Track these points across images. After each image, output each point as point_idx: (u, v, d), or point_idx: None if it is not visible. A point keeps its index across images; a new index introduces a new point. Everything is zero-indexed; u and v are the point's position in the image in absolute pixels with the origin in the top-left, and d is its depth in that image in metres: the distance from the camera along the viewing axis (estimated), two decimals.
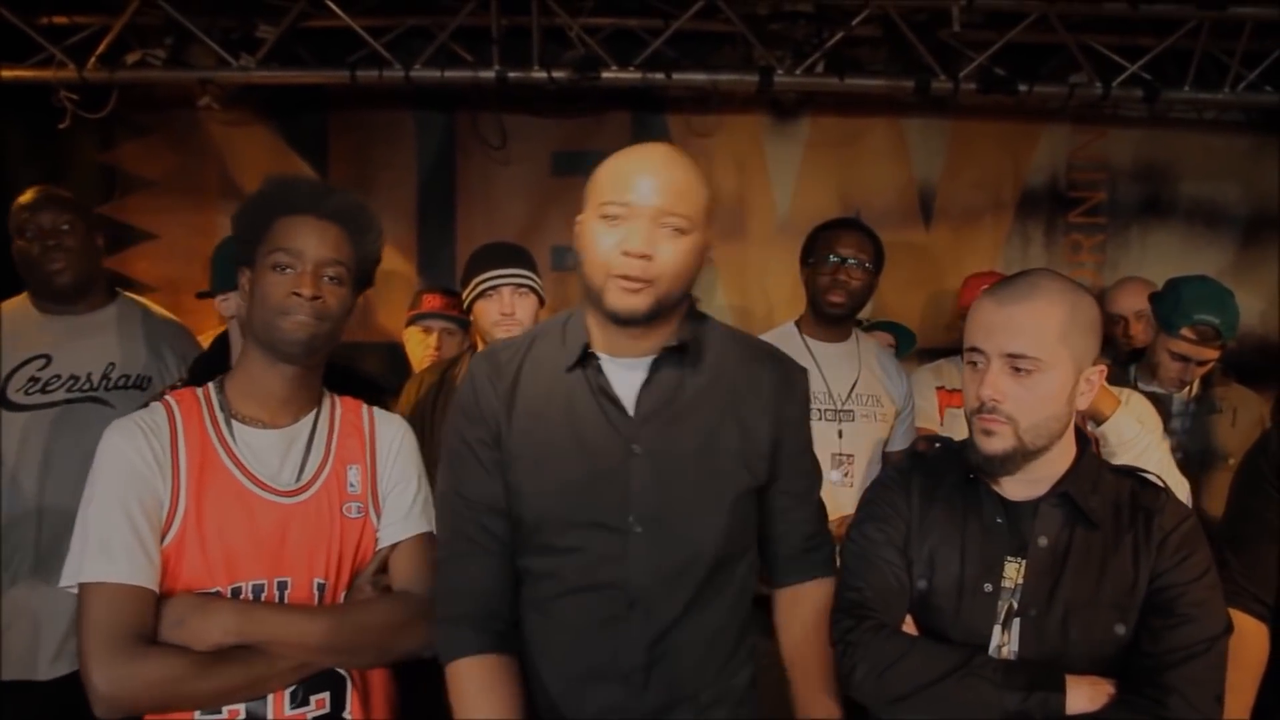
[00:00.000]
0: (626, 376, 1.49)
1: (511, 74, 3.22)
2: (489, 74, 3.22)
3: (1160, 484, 1.48)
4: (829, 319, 2.69)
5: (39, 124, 3.34)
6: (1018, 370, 1.35)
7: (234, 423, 1.50)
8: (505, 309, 2.41)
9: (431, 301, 2.98)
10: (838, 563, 1.61)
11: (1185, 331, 2.53)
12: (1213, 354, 2.59)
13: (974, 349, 1.40)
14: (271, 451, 1.50)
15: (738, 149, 3.60)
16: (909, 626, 1.45)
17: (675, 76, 3.25)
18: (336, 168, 3.64)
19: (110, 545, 1.35)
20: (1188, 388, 2.70)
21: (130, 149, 3.60)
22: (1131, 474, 1.50)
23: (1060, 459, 1.43)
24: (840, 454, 2.68)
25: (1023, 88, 3.25)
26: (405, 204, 3.66)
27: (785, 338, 2.70)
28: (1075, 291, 1.41)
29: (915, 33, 3.22)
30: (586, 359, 1.49)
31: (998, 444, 1.37)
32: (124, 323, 2.61)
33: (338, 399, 1.61)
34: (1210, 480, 2.58)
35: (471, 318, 2.56)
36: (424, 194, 3.65)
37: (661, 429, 1.47)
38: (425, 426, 2.32)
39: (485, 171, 3.61)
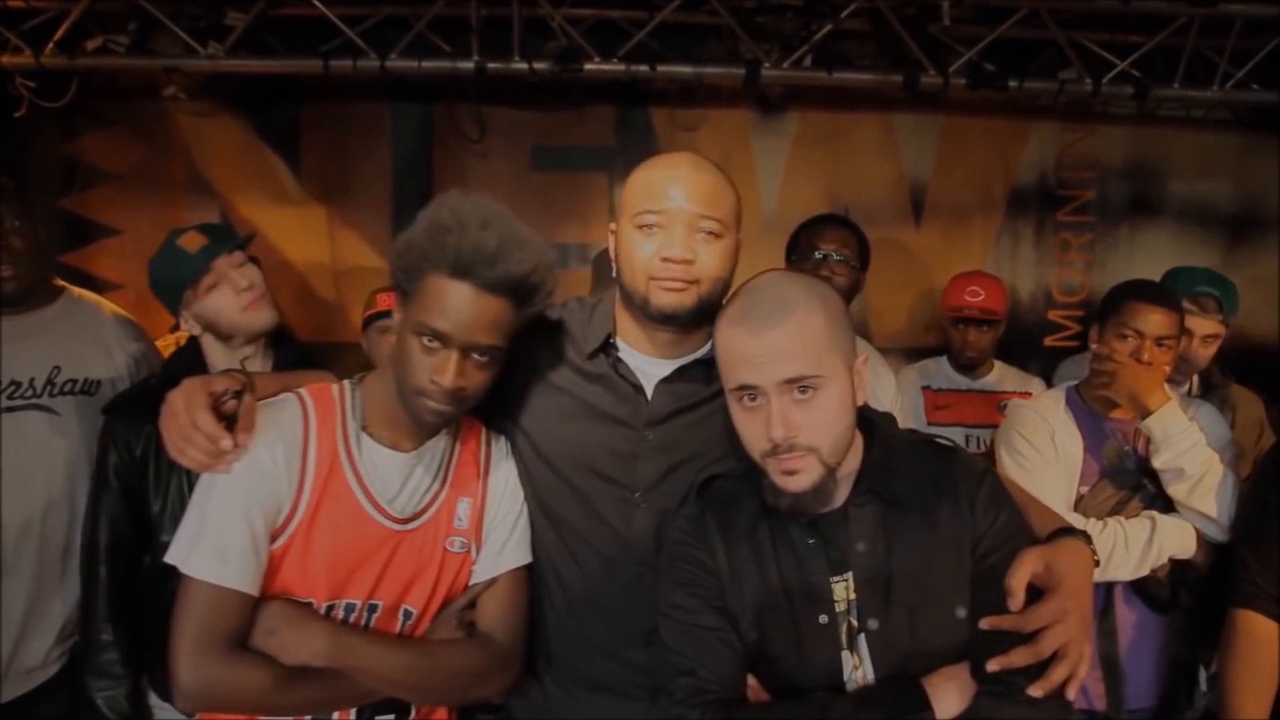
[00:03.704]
0: (648, 371, 1.56)
1: (491, 65, 3.13)
2: (468, 65, 3.12)
3: (949, 443, 1.41)
4: None
5: None
6: (802, 393, 1.24)
7: (364, 438, 1.45)
8: None
9: (386, 301, 2.88)
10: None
11: (1187, 303, 2.47)
12: (1215, 327, 2.56)
13: (744, 386, 1.27)
14: (394, 474, 1.47)
15: (723, 144, 3.52)
16: (753, 687, 1.32)
17: (660, 69, 3.16)
18: (309, 161, 3.52)
19: (226, 547, 1.34)
20: (1188, 385, 2.66)
21: (92, 140, 3.46)
22: (922, 441, 1.41)
23: (852, 455, 1.33)
24: None
25: (1012, 83, 3.20)
26: (380, 198, 3.55)
27: None
28: (817, 288, 1.32)
29: (904, 26, 3.16)
30: (607, 347, 1.56)
31: (805, 479, 1.25)
32: (70, 321, 2.38)
33: (461, 421, 1.56)
34: None
35: None
36: (399, 188, 3.54)
37: (673, 429, 1.53)
38: None
39: (463, 165, 3.51)
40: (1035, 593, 1.24)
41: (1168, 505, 2.14)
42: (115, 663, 1.94)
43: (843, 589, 1.30)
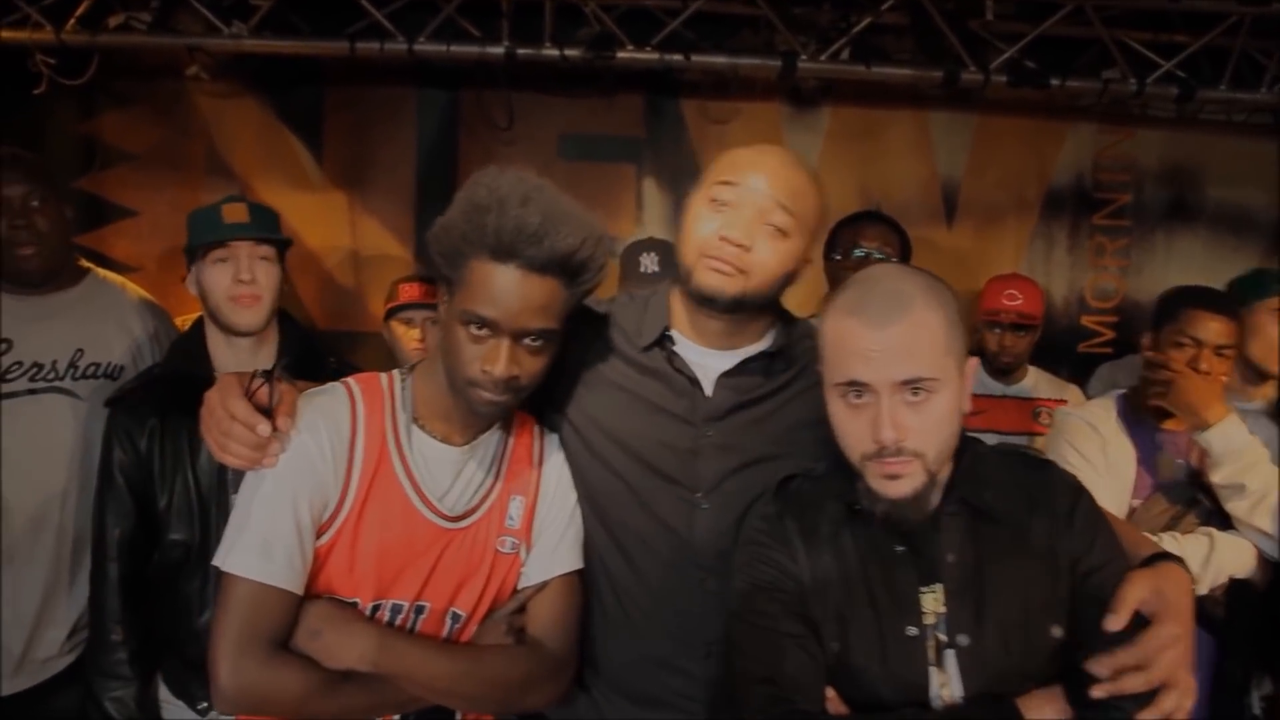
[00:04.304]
0: (707, 365, 1.49)
1: (521, 50, 3.04)
2: (497, 50, 3.04)
3: (1040, 456, 1.35)
4: None
5: (13, 90, 3.11)
6: (915, 395, 1.17)
7: (414, 430, 1.38)
8: None
9: (409, 291, 2.82)
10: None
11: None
12: None
13: (853, 383, 1.19)
14: (446, 470, 1.40)
15: (755, 138, 3.35)
16: (832, 700, 1.25)
17: (694, 59, 3.08)
18: (331, 146, 3.44)
19: (271, 544, 1.28)
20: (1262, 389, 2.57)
21: (111, 119, 3.38)
22: (1012, 452, 1.36)
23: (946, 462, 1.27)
24: None
25: (1054, 82, 3.12)
26: (403, 185, 3.47)
27: None
28: (935, 286, 1.23)
29: (945, 21, 3.08)
30: (663, 340, 1.50)
31: (907, 485, 1.18)
32: (95, 304, 2.33)
33: (516, 416, 1.49)
34: None
35: None
36: (423, 175, 3.46)
37: (735, 425, 1.47)
38: None
39: (489, 153, 3.43)
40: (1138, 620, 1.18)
41: (1224, 521, 2.08)
42: (123, 663, 1.88)
43: (931, 601, 1.24)
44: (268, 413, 1.31)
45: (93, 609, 1.95)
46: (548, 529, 1.47)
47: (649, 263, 2.67)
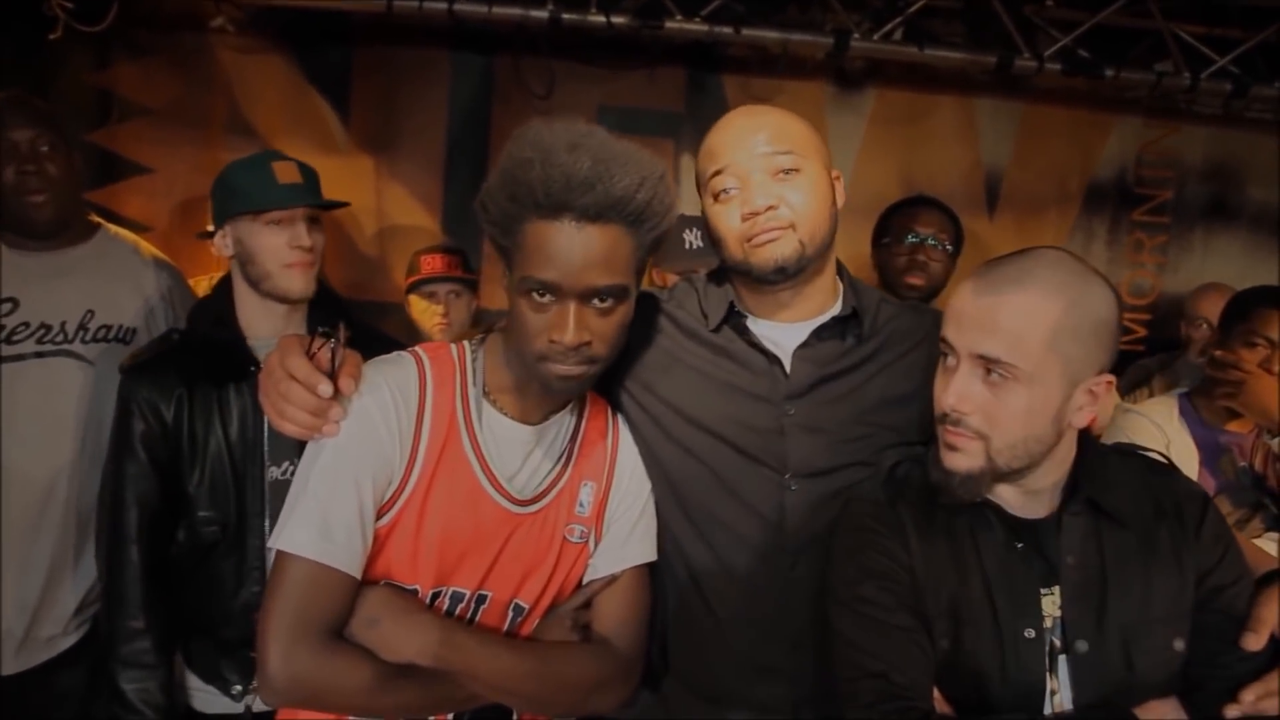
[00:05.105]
0: (780, 340, 1.43)
1: (566, 16, 2.93)
2: (541, 14, 2.92)
3: (1165, 460, 1.29)
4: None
5: (25, 34, 2.94)
6: (990, 375, 1.12)
7: (485, 406, 1.27)
8: None
9: (432, 264, 2.72)
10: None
11: None
12: None
13: (945, 342, 1.16)
14: (516, 450, 1.29)
15: None
16: (938, 701, 1.19)
17: (744, 32, 2.98)
18: (359, 108, 3.31)
19: (330, 522, 1.17)
20: None
21: (128, 71, 3.21)
22: (1134, 454, 1.30)
23: (1061, 463, 1.20)
24: None
25: (1109, 72, 3.06)
26: (433, 153, 3.34)
27: None
28: (1082, 283, 1.14)
29: (1001, 5, 3.01)
30: (732, 317, 1.45)
31: (962, 461, 1.15)
32: (107, 262, 2.20)
33: (590, 397, 1.40)
34: None
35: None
36: (454, 143, 3.33)
37: (819, 401, 1.41)
38: None
39: (523, 122, 3.26)
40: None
41: None
42: (148, 651, 1.75)
43: (1050, 603, 1.17)
44: (331, 377, 1.20)
45: (110, 595, 1.78)
46: (619, 519, 1.38)
47: (693, 239, 2.58)
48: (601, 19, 2.93)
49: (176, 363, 1.80)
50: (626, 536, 1.38)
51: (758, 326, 1.45)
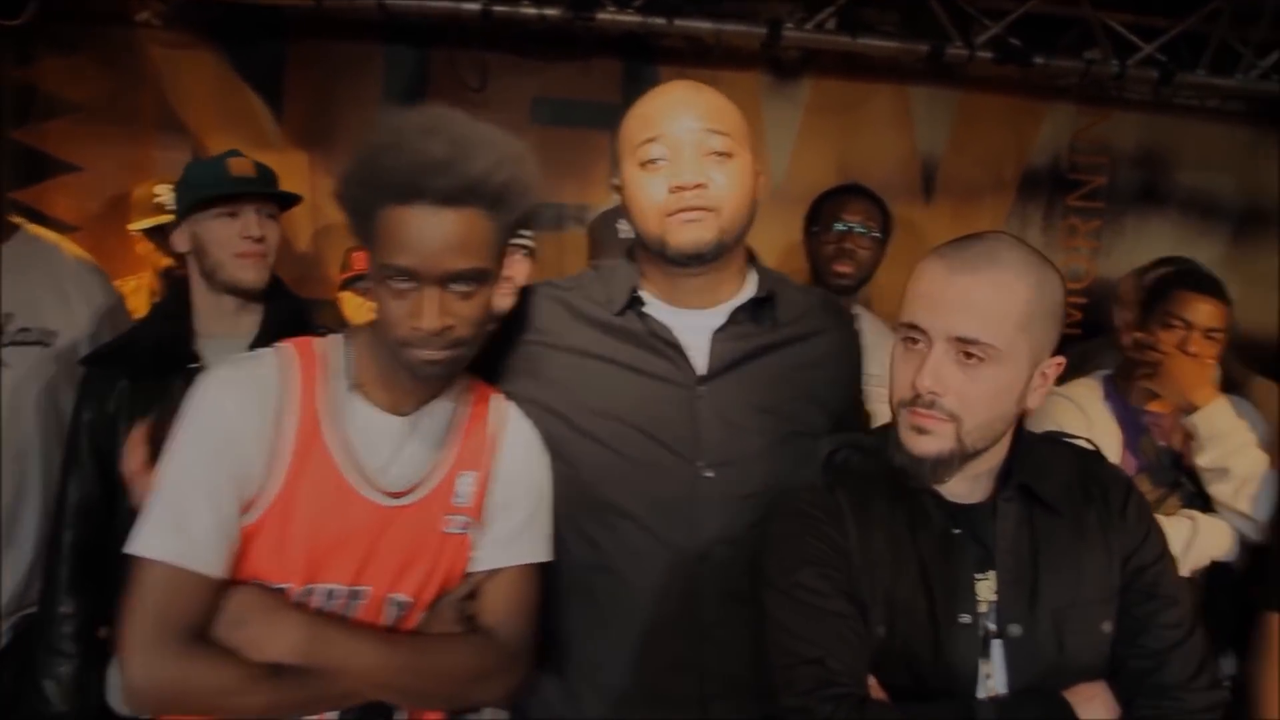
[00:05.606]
0: (689, 325, 1.42)
1: (497, 8, 2.92)
2: (473, 7, 2.91)
3: (1093, 447, 1.32)
4: (834, 291, 2.54)
5: None
6: (968, 358, 1.12)
7: (353, 398, 1.25)
8: (506, 272, 2.23)
9: (363, 260, 2.69)
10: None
11: None
12: None
13: (913, 325, 1.15)
14: (386, 441, 1.26)
15: None
16: (872, 688, 1.19)
17: (677, 23, 2.99)
18: (292, 103, 3.27)
19: (186, 521, 1.15)
20: None
21: (52, 66, 3.14)
22: (1059, 441, 1.33)
23: (1001, 447, 1.22)
24: None
25: (1039, 60, 3.11)
26: None
27: None
28: (1042, 266, 1.17)
29: None
30: (634, 302, 1.43)
31: (932, 445, 1.14)
32: (25, 263, 2.13)
33: (472, 386, 1.37)
34: None
35: None
36: None
37: (731, 386, 1.41)
38: None
39: None
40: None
41: (1206, 504, 2.08)
42: (68, 637, 1.76)
43: (984, 588, 1.19)
44: None
45: (45, 579, 1.84)
46: (505, 510, 1.34)
47: (627, 228, 2.59)
48: (534, 11, 2.93)
49: (125, 355, 1.86)
50: (515, 533, 1.34)
51: (661, 313, 1.43)
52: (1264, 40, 3.15)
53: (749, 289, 1.45)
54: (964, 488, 1.22)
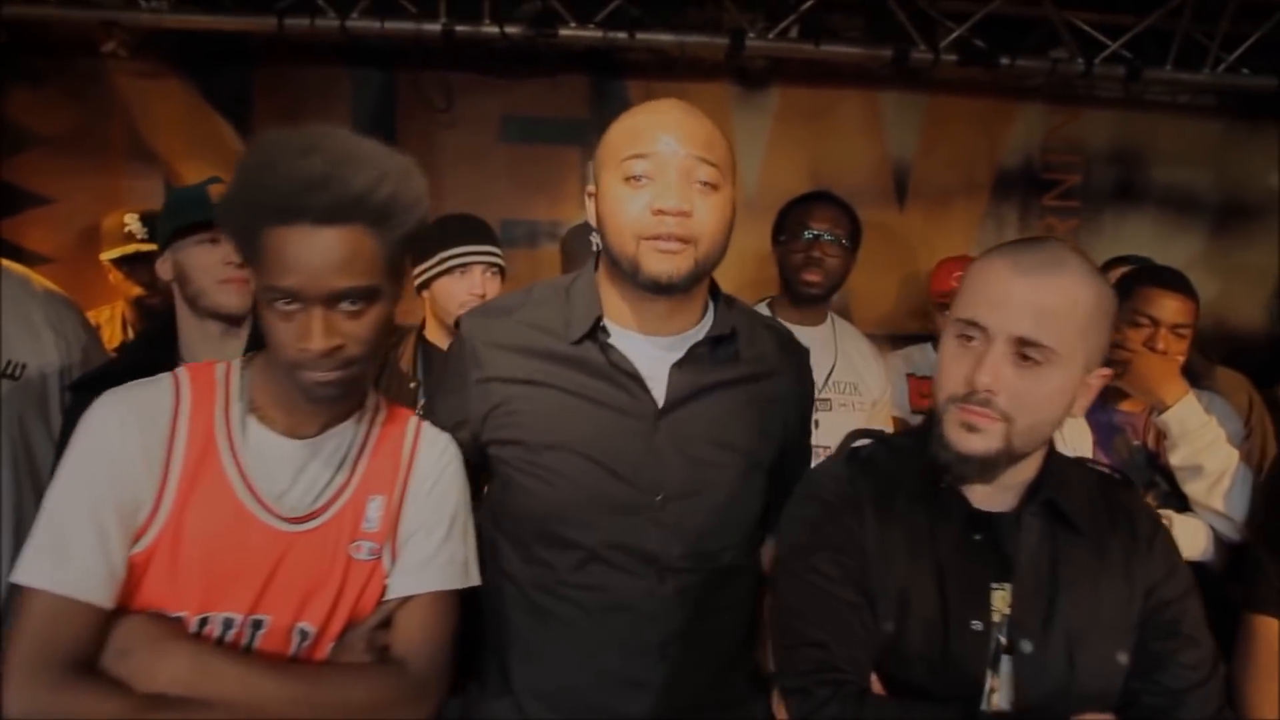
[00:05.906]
0: (650, 354, 1.38)
1: (459, 28, 2.93)
2: (434, 27, 2.92)
3: (1120, 476, 1.30)
4: (803, 299, 2.55)
5: None
6: (1025, 359, 1.11)
7: (250, 420, 1.22)
8: (476, 290, 2.26)
9: None
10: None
11: None
12: None
13: (972, 322, 1.13)
14: (285, 466, 1.23)
15: None
16: (875, 684, 1.18)
17: (639, 36, 2.99)
18: (262, 128, 3.20)
19: (66, 548, 1.12)
20: None
21: (21, 99, 3.15)
22: (1086, 465, 1.31)
23: (1032, 461, 1.20)
24: (816, 446, 2.53)
25: (1004, 61, 3.10)
26: None
27: None
28: (1101, 277, 1.17)
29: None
30: (596, 331, 1.38)
31: (981, 443, 1.12)
32: None
33: (383, 407, 1.33)
34: None
35: (426, 295, 2.35)
36: None
37: (690, 419, 1.37)
38: None
39: (428, 136, 3.29)
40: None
41: (1182, 502, 2.05)
42: None
43: (999, 599, 1.17)
44: None
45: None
46: (418, 535, 1.29)
47: (599, 242, 2.59)
48: (495, 30, 2.93)
49: (112, 381, 1.82)
50: (429, 558, 1.29)
51: (625, 341, 1.38)
52: (1229, 33, 3.15)
53: (708, 319, 1.42)
54: (991, 496, 1.20)
